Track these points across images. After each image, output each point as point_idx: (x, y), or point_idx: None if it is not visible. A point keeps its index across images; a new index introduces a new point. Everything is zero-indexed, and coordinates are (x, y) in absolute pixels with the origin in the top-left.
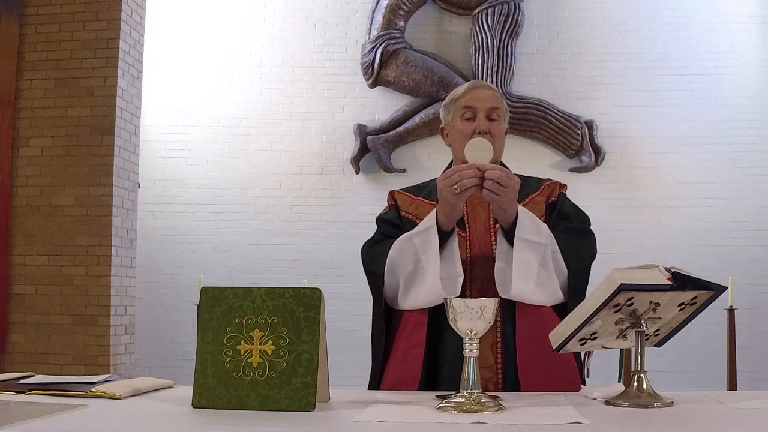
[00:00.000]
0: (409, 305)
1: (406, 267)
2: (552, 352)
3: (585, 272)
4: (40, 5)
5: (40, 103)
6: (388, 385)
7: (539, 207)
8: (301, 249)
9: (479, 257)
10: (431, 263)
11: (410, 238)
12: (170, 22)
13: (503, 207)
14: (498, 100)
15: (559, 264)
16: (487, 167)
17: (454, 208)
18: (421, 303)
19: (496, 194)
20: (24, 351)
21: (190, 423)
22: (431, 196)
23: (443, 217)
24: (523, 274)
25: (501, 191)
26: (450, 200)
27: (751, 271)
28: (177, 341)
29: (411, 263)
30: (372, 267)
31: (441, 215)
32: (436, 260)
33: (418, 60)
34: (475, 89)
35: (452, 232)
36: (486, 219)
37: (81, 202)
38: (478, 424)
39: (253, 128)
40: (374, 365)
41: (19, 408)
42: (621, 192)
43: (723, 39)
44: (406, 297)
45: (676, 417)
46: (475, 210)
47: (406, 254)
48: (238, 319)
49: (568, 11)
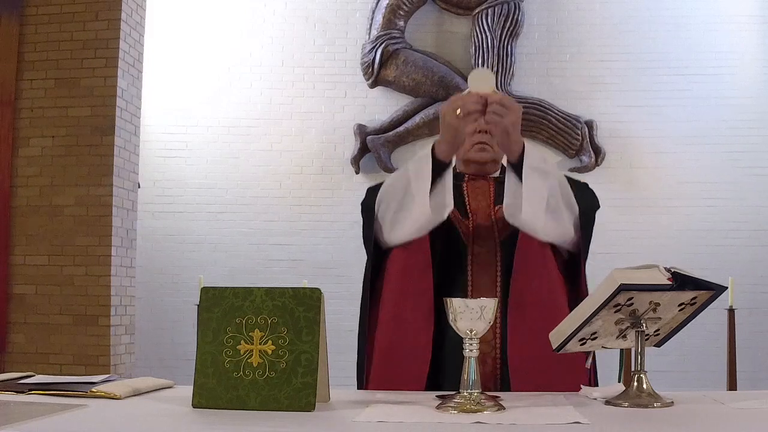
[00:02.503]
0: (396, 237)
1: (396, 194)
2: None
3: (592, 214)
4: (40, 5)
5: (40, 103)
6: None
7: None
8: (301, 249)
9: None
10: (421, 187)
11: (405, 167)
12: (170, 22)
13: (508, 131)
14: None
15: (569, 198)
16: (490, 95)
17: (456, 134)
18: (407, 230)
19: (500, 116)
20: (24, 351)
21: (190, 423)
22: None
23: (444, 145)
24: (533, 200)
25: (504, 113)
26: (453, 124)
27: (751, 271)
28: (177, 341)
29: (402, 190)
30: (366, 201)
31: (443, 143)
32: (426, 184)
33: (418, 60)
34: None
35: (449, 165)
36: (487, 206)
37: (81, 202)
38: (478, 424)
39: (253, 128)
40: (361, 330)
41: (19, 408)
42: (621, 192)
43: (723, 39)
44: (394, 226)
45: (676, 417)
46: (478, 201)
47: (398, 181)
48: (238, 319)
49: (568, 11)
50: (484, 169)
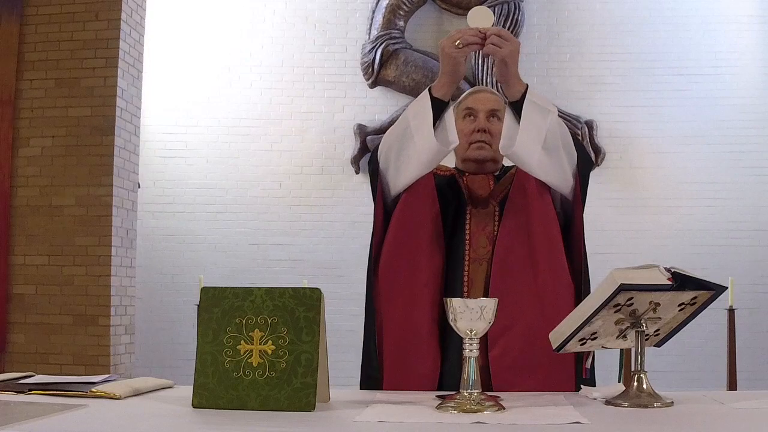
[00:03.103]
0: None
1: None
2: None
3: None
4: (40, 5)
5: (40, 103)
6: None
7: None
8: (301, 249)
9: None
10: (423, 123)
11: (404, 113)
12: (170, 22)
13: (506, 61)
14: (499, 103)
15: (568, 140)
16: (488, 29)
17: (455, 65)
18: (414, 168)
19: (498, 47)
20: (24, 351)
21: (190, 423)
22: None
23: (444, 77)
24: (530, 132)
25: (502, 44)
26: (452, 54)
27: (751, 271)
28: (177, 341)
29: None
30: (372, 158)
31: (442, 75)
32: (428, 119)
33: (418, 60)
34: (478, 93)
35: (447, 104)
36: (485, 201)
37: (81, 202)
38: (478, 424)
39: (253, 128)
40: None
41: (19, 408)
42: (621, 192)
43: (723, 39)
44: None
45: (676, 417)
46: (476, 196)
47: (398, 127)
48: (238, 319)
49: (568, 11)
50: (483, 167)
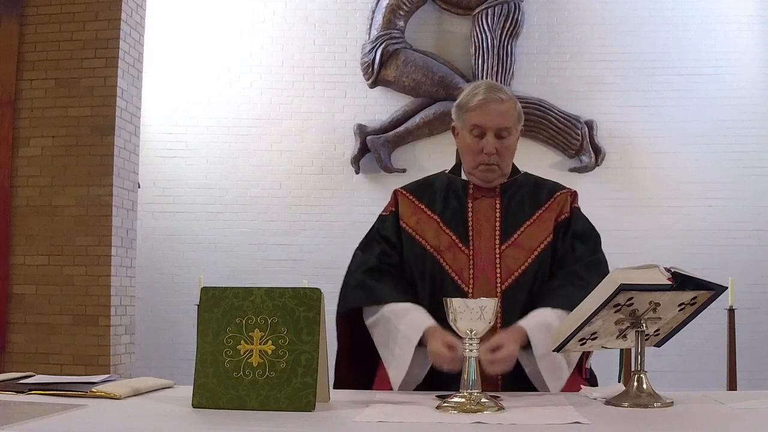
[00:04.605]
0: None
1: (384, 338)
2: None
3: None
4: (40, 5)
5: (40, 103)
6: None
7: (546, 226)
8: (301, 249)
9: (481, 280)
10: (400, 362)
11: (397, 325)
12: (170, 22)
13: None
14: (508, 117)
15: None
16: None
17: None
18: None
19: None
20: (24, 351)
21: (190, 423)
22: (433, 204)
23: (438, 359)
24: (554, 375)
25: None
26: (443, 369)
27: (751, 271)
28: (177, 341)
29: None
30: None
31: (438, 357)
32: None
33: (418, 60)
34: (487, 104)
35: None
36: (491, 236)
37: (81, 202)
38: (478, 424)
39: (253, 128)
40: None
41: (19, 408)
42: (621, 192)
43: (723, 39)
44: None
45: (676, 417)
46: (481, 225)
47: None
48: (238, 319)
49: (568, 11)
50: (490, 182)
